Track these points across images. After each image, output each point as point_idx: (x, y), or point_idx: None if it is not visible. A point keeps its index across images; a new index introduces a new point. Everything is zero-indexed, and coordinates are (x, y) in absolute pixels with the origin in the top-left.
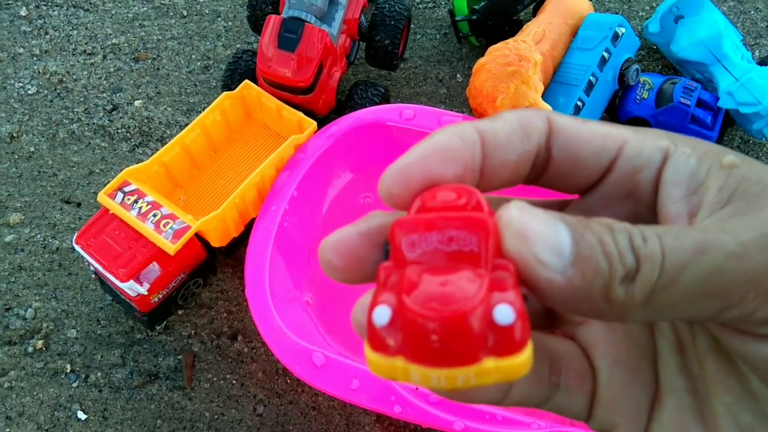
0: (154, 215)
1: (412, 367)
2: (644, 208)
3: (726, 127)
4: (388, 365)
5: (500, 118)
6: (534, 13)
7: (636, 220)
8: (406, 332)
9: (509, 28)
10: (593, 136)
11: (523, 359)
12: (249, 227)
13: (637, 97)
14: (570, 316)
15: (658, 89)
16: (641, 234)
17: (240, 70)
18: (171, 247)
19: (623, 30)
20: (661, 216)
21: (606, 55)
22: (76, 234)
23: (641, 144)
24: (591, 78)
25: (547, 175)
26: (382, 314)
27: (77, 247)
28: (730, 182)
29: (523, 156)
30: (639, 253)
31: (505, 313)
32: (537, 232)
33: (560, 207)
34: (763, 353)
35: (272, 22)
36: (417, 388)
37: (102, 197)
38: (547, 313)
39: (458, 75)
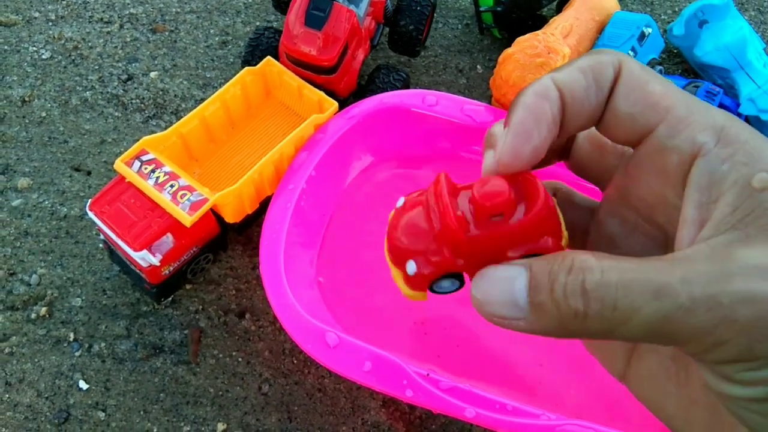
0: (171, 186)
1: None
2: (673, 192)
3: None
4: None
5: (575, 69)
6: (558, 10)
7: (663, 203)
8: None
9: (533, 22)
10: (643, 98)
11: (410, 294)
12: (261, 206)
13: None
14: None
15: None
16: (601, 270)
17: (261, 46)
18: (188, 219)
19: (650, 30)
20: (681, 213)
21: (632, 53)
22: (89, 200)
23: (678, 129)
24: None
25: (604, 118)
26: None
27: (90, 214)
28: (747, 205)
29: (596, 107)
30: (589, 294)
31: (411, 267)
32: (495, 296)
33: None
34: (711, 380)
35: None
36: (428, 375)
37: (119, 165)
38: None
39: (478, 66)
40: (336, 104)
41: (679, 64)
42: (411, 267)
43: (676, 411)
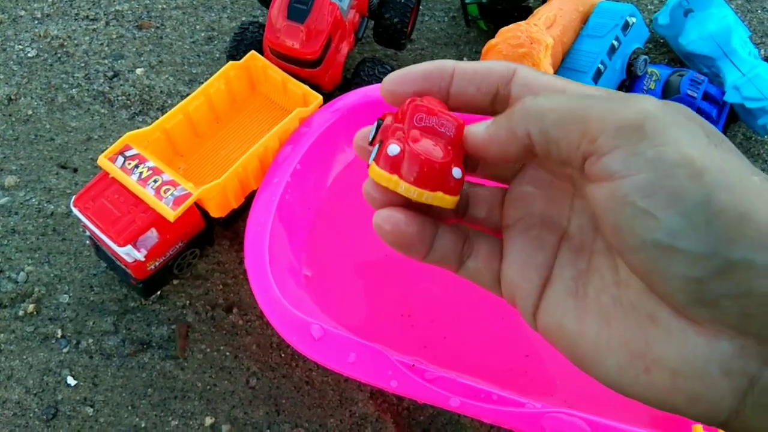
0: (155, 181)
1: (401, 182)
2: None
3: (729, 123)
4: (387, 177)
5: (477, 62)
6: (543, 1)
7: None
8: (409, 163)
9: (518, 13)
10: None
11: (455, 199)
12: (248, 201)
13: (644, 87)
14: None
15: (665, 81)
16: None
17: (246, 41)
18: (171, 214)
19: (634, 19)
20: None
21: (616, 43)
22: (74, 197)
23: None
24: (600, 66)
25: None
26: (394, 149)
27: (75, 210)
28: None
29: (480, 90)
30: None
31: (457, 172)
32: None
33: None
34: (596, 193)
35: None
36: (413, 365)
37: (102, 161)
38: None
39: (465, 59)
40: (320, 97)
41: (665, 53)
42: (457, 172)
43: (574, 325)
